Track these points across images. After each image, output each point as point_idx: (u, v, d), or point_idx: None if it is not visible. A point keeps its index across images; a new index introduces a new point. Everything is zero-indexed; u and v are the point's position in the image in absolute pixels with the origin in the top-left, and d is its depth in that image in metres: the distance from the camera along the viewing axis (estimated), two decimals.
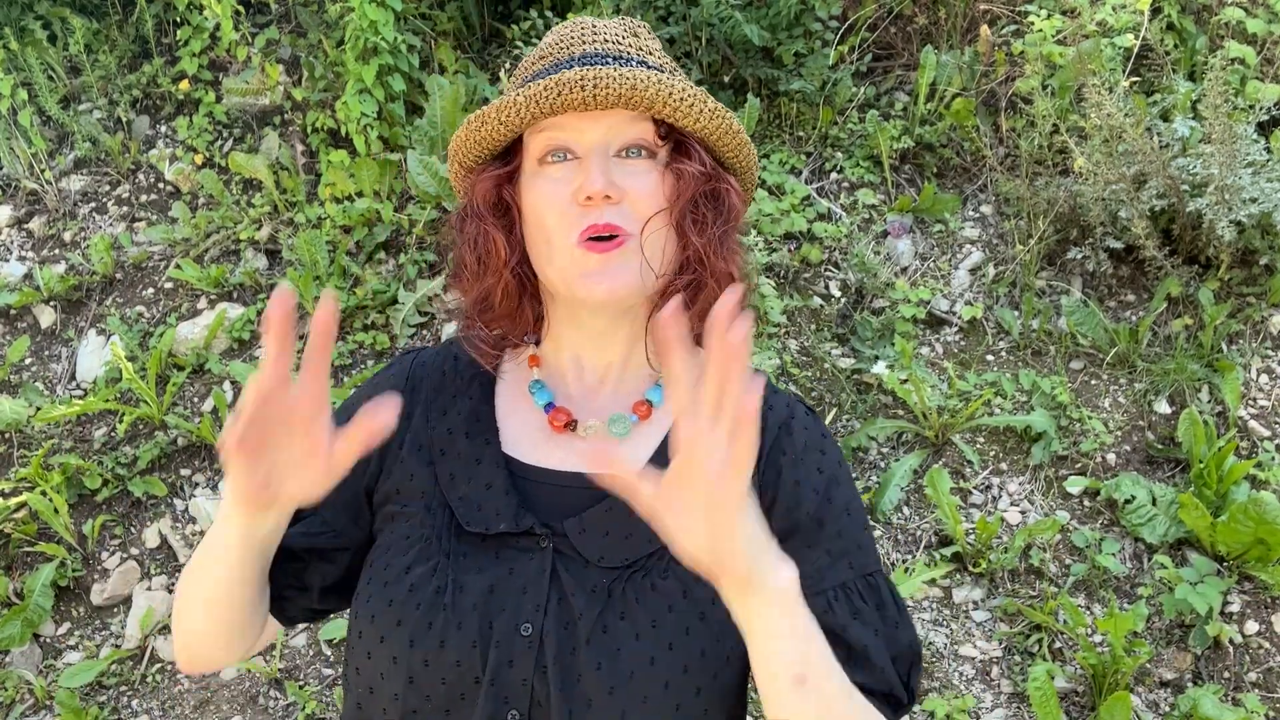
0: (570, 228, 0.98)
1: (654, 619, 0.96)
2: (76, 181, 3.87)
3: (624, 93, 0.95)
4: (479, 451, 1.06)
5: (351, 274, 3.41)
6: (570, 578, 0.98)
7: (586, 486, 1.02)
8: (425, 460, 1.07)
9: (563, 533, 1.00)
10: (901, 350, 2.94)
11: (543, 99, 0.96)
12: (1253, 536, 2.45)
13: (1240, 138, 2.77)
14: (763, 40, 3.40)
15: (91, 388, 3.38)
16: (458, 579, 0.98)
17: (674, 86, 0.97)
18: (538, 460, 1.06)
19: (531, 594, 0.97)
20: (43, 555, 3.01)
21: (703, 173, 1.01)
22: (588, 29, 1.05)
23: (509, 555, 1.00)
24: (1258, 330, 2.95)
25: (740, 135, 1.04)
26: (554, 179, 1.00)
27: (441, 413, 1.10)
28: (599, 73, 0.95)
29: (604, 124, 0.99)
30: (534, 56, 1.07)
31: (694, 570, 0.85)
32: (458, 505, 1.03)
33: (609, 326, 1.06)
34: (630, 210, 0.99)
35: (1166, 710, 2.40)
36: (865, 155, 3.47)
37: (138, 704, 2.77)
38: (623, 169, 1.00)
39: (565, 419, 1.06)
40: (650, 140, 1.01)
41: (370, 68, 3.41)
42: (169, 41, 4.08)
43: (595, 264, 0.98)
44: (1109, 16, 3.13)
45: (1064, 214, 3.12)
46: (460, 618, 0.96)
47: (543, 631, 0.95)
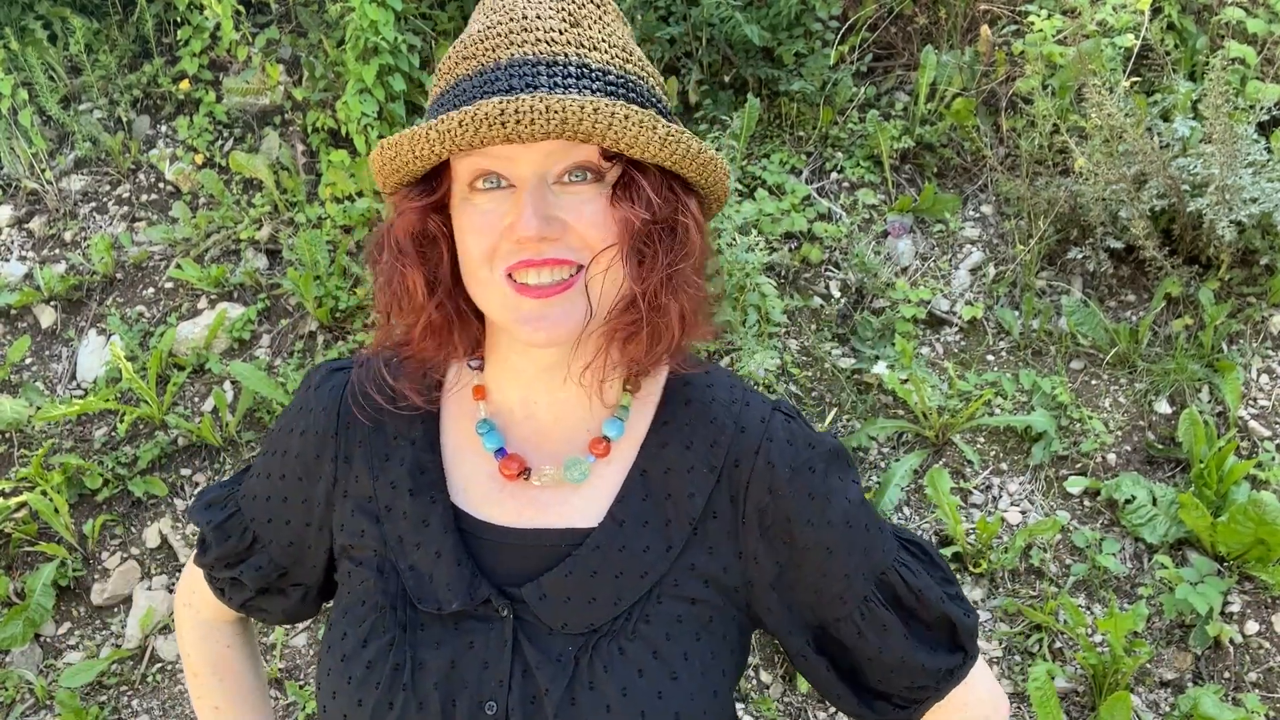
0: (502, 262, 0.87)
1: (624, 686, 0.90)
2: (77, 181, 3.87)
3: (553, 128, 0.80)
4: (425, 511, 0.98)
5: (352, 274, 3.41)
6: (533, 649, 0.92)
7: (545, 545, 0.96)
8: (372, 517, 1.00)
9: (522, 599, 0.93)
10: (902, 350, 2.94)
11: (457, 134, 0.82)
12: (1253, 536, 2.45)
13: (1241, 138, 2.77)
14: (763, 40, 3.40)
15: (92, 388, 3.38)
16: (416, 655, 0.93)
17: (614, 115, 0.81)
18: (490, 515, 0.98)
19: (494, 669, 0.92)
20: (43, 555, 3.01)
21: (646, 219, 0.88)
22: (518, 20, 0.87)
23: (468, 627, 0.93)
24: (1258, 330, 2.95)
25: (701, 157, 0.90)
26: (484, 210, 0.88)
27: (384, 459, 1.01)
28: (520, 104, 0.79)
29: (540, 150, 0.85)
30: (459, 52, 0.90)
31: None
32: (408, 577, 0.96)
33: (562, 356, 0.96)
34: (575, 243, 0.87)
35: (1166, 710, 2.40)
36: (865, 155, 3.47)
37: (138, 704, 2.77)
38: (563, 198, 0.87)
39: (518, 467, 0.97)
40: (595, 162, 0.87)
41: (370, 67, 3.41)
42: (169, 41, 4.08)
43: (531, 309, 0.87)
44: (1109, 16, 3.13)
45: (1064, 214, 3.12)
46: (421, 697, 0.91)
47: (508, 709, 0.90)
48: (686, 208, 0.92)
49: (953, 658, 1.01)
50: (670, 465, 0.97)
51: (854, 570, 0.98)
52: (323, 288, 3.33)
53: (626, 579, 0.94)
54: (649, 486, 0.97)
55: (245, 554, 1.11)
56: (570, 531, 0.96)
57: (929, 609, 1.00)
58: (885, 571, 1.00)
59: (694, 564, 0.95)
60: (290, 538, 1.08)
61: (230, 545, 1.11)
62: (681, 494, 0.96)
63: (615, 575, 0.93)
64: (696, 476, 0.96)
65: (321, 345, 3.35)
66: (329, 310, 3.32)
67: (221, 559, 1.12)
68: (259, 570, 1.10)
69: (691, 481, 0.96)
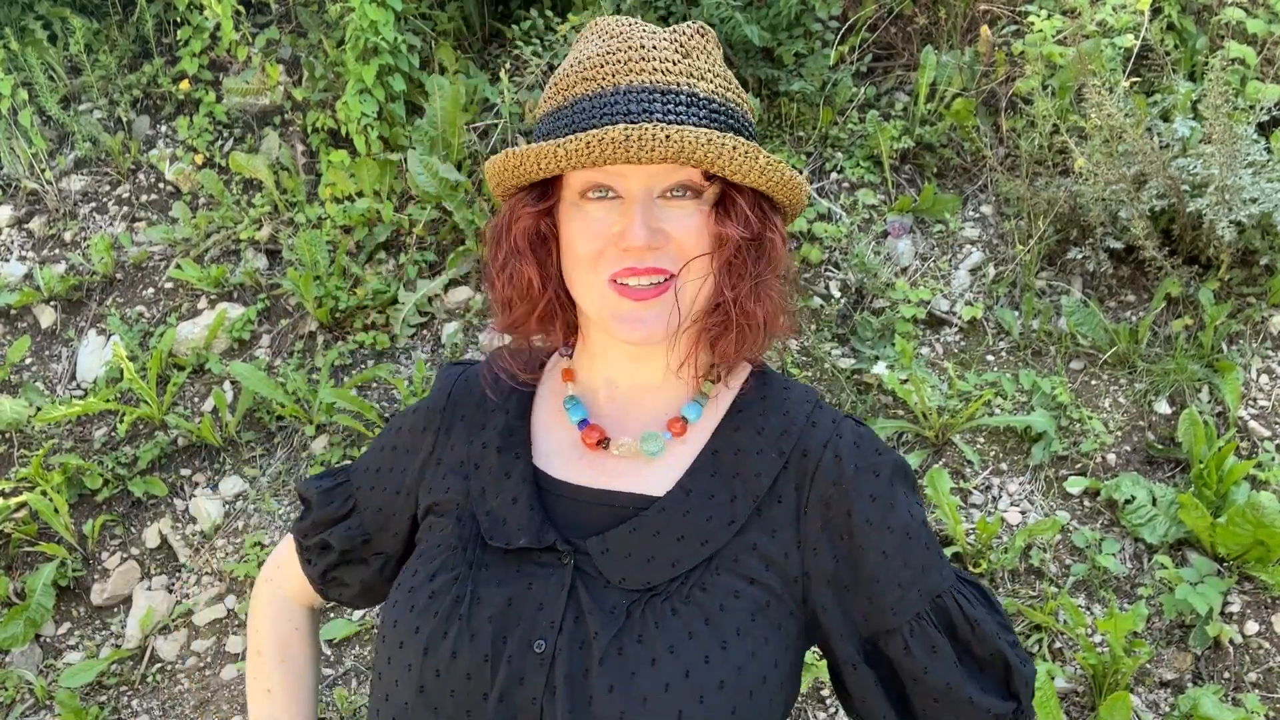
0: (607, 268, 0.97)
1: (672, 645, 0.93)
2: (77, 181, 3.87)
3: (670, 155, 0.90)
4: (509, 465, 1.07)
5: (352, 274, 3.41)
6: (589, 597, 0.96)
7: (614, 505, 1.02)
8: (461, 475, 1.09)
9: (585, 551, 0.99)
10: (901, 350, 2.94)
11: (584, 155, 0.92)
12: (1253, 537, 2.45)
13: (1240, 138, 2.77)
14: (763, 40, 3.40)
15: (92, 388, 3.38)
16: (476, 591, 0.99)
17: (724, 146, 0.92)
18: (567, 476, 1.06)
19: (548, 610, 0.96)
20: (43, 555, 3.01)
21: (747, 230, 0.98)
22: (635, 49, 0.96)
23: (529, 570, 0.99)
24: (1258, 330, 2.95)
25: (792, 183, 1.00)
26: (594, 217, 0.97)
27: (480, 427, 1.12)
28: (644, 132, 0.89)
29: (649, 170, 0.95)
30: (575, 72, 0.98)
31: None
32: (484, 519, 1.04)
33: (648, 349, 1.05)
34: (673, 253, 0.97)
35: (1166, 710, 2.40)
36: (865, 155, 3.48)
37: (138, 704, 2.77)
38: (666, 211, 0.96)
39: (598, 436, 1.05)
40: (697, 183, 0.97)
41: (370, 68, 3.41)
42: (169, 41, 4.08)
43: (629, 310, 0.97)
44: (1109, 17, 3.13)
45: (1064, 214, 3.12)
46: (474, 629, 0.96)
47: (555, 649, 0.94)
48: (774, 224, 1.01)
49: (1004, 704, 1.00)
50: (741, 447, 1.04)
51: (908, 583, 0.99)
52: (323, 288, 3.33)
53: (687, 544, 0.98)
54: (719, 465, 1.03)
55: (341, 518, 1.19)
56: (639, 497, 1.02)
57: (984, 643, 1.00)
58: (941, 595, 1.01)
59: (755, 543, 0.99)
60: (380, 503, 1.16)
61: (331, 510, 1.20)
62: (749, 473, 1.02)
63: (677, 539, 0.99)
64: (765, 459, 1.02)
65: (321, 345, 3.35)
66: (329, 310, 3.32)
67: (318, 523, 1.21)
68: (348, 532, 1.18)
69: (759, 463, 1.02)
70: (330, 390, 3.07)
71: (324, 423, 3.14)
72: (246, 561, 2.92)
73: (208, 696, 2.75)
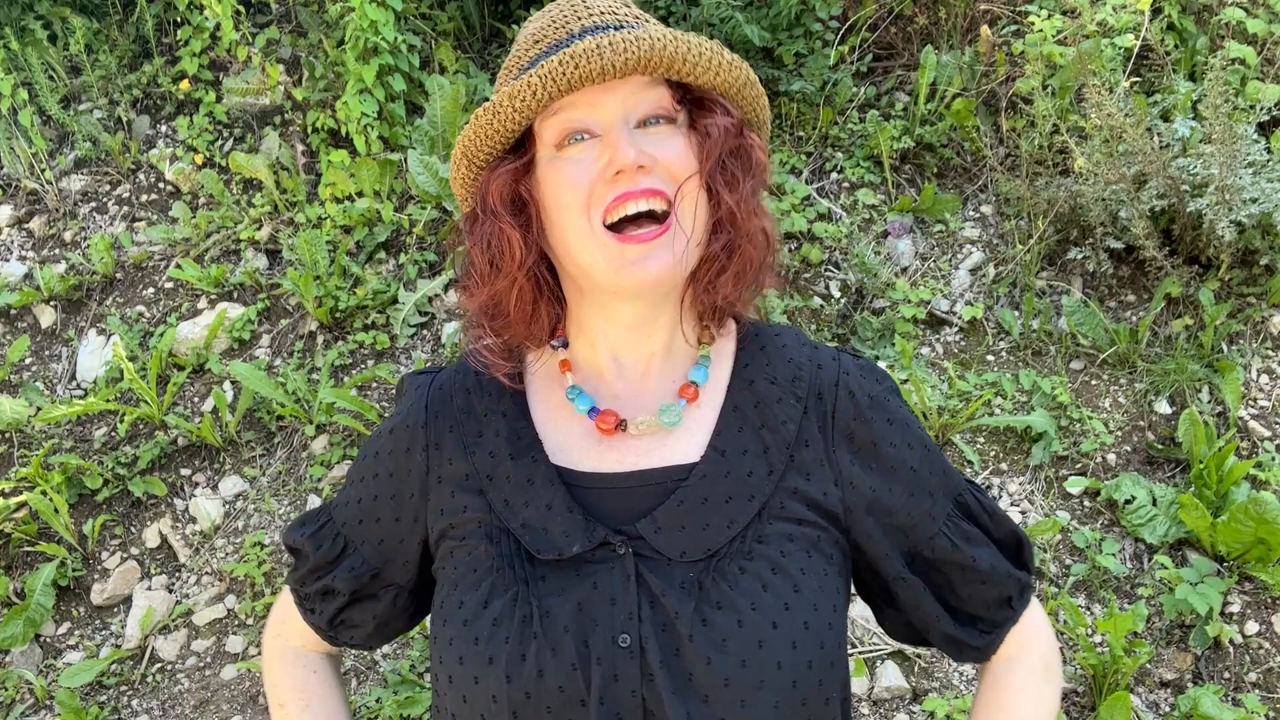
0: (599, 206, 0.94)
1: (752, 602, 0.94)
2: (77, 181, 3.87)
3: (643, 54, 0.90)
4: (528, 470, 1.02)
5: (352, 274, 3.41)
6: (656, 579, 0.95)
7: (650, 483, 1.01)
8: (473, 490, 1.04)
9: (638, 535, 0.97)
10: (902, 350, 2.94)
11: (559, 75, 0.90)
12: (1253, 537, 2.45)
13: (1240, 138, 2.77)
14: (763, 40, 3.40)
15: (92, 388, 3.38)
16: (542, 604, 0.96)
17: (690, 42, 0.93)
18: (592, 467, 1.03)
19: (621, 604, 0.95)
20: (43, 555, 3.01)
21: (731, 126, 0.98)
22: (578, 5, 0.99)
23: (589, 570, 0.97)
24: (1258, 330, 2.95)
25: (756, 86, 1.01)
26: (576, 160, 0.95)
27: (476, 436, 1.06)
28: (614, 38, 0.90)
29: (619, 95, 0.95)
30: (525, 44, 1.00)
31: None
32: (522, 534, 0.99)
33: (649, 313, 1.02)
34: (663, 175, 0.96)
35: (1166, 710, 2.40)
36: (865, 155, 3.47)
37: (138, 704, 2.77)
38: (646, 138, 0.95)
39: (614, 421, 1.03)
40: (668, 107, 0.97)
41: (370, 68, 3.41)
42: (169, 41, 4.08)
43: (636, 253, 0.94)
44: (1109, 17, 3.13)
45: (1064, 214, 3.12)
46: (553, 643, 0.94)
47: (641, 639, 0.93)
48: (752, 135, 1.02)
49: (1026, 574, 1.09)
50: (759, 399, 1.04)
51: (936, 489, 1.06)
52: (322, 288, 3.33)
53: (736, 503, 0.99)
54: (743, 419, 1.03)
55: (338, 559, 1.13)
56: (673, 468, 1.01)
57: (1000, 527, 1.09)
58: (961, 493, 1.08)
59: (795, 488, 1.01)
60: (381, 535, 1.10)
61: (323, 554, 1.13)
62: (775, 422, 1.03)
63: (725, 500, 0.99)
64: (785, 407, 1.04)
65: (321, 345, 3.35)
66: (329, 310, 3.32)
67: (314, 570, 1.14)
68: (352, 571, 1.11)
69: (781, 411, 1.03)
70: (330, 390, 3.07)
71: (324, 423, 3.14)
72: (246, 561, 2.92)
73: (208, 696, 2.75)
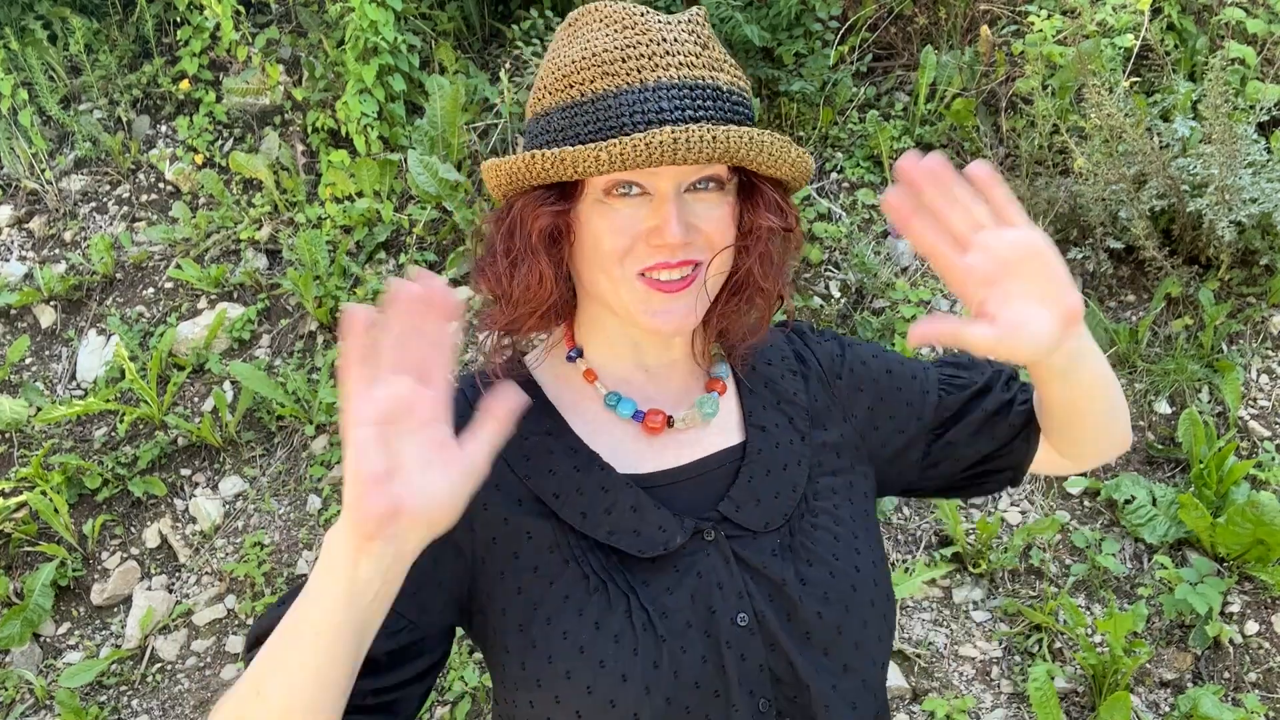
0: (636, 263, 0.97)
1: (834, 553, 1.02)
2: (77, 181, 3.87)
3: (718, 154, 0.92)
4: (600, 480, 1.02)
5: (351, 274, 3.41)
6: (751, 553, 1.01)
7: (709, 470, 1.06)
8: (537, 513, 1.00)
9: (723, 518, 1.02)
10: (901, 350, 2.94)
11: (629, 158, 0.90)
12: (1252, 537, 2.45)
13: (1240, 138, 2.77)
14: (763, 41, 3.40)
15: (92, 388, 3.38)
16: (657, 606, 0.97)
17: (764, 143, 0.94)
18: (654, 466, 1.06)
19: (729, 586, 0.99)
20: (43, 555, 3.01)
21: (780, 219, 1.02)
22: (656, 43, 0.94)
23: (687, 563, 0.99)
24: (1258, 330, 2.95)
25: (809, 169, 1.04)
26: (622, 214, 0.96)
27: (525, 459, 1.03)
28: (691, 134, 0.90)
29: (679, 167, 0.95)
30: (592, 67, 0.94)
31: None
32: (618, 541, 0.99)
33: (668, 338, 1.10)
34: (702, 244, 0.99)
35: (1166, 710, 2.40)
36: (865, 155, 3.47)
37: (138, 704, 2.77)
38: (694, 205, 0.97)
39: (663, 419, 1.07)
40: (723, 175, 0.99)
41: (370, 68, 3.41)
42: (169, 41, 4.08)
43: (661, 303, 0.98)
44: (1109, 17, 3.13)
45: (1064, 214, 3.12)
46: (681, 641, 0.95)
47: (756, 613, 0.98)
48: (792, 208, 1.05)
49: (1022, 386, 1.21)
50: (767, 379, 1.14)
51: (919, 370, 1.18)
52: (322, 287, 3.33)
53: (791, 470, 1.08)
54: (762, 399, 1.13)
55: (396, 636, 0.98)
56: (725, 452, 1.08)
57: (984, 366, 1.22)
58: (938, 364, 1.21)
59: (823, 441, 1.11)
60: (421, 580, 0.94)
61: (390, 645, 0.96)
62: (787, 394, 1.13)
63: (782, 468, 1.07)
64: (789, 381, 1.15)
65: (321, 345, 3.35)
66: (329, 310, 3.32)
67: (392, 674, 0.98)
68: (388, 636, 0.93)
69: (787, 385, 1.15)
70: (330, 390, 3.07)
71: (324, 423, 3.14)
72: (246, 561, 2.92)
73: (207, 696, 2.75)
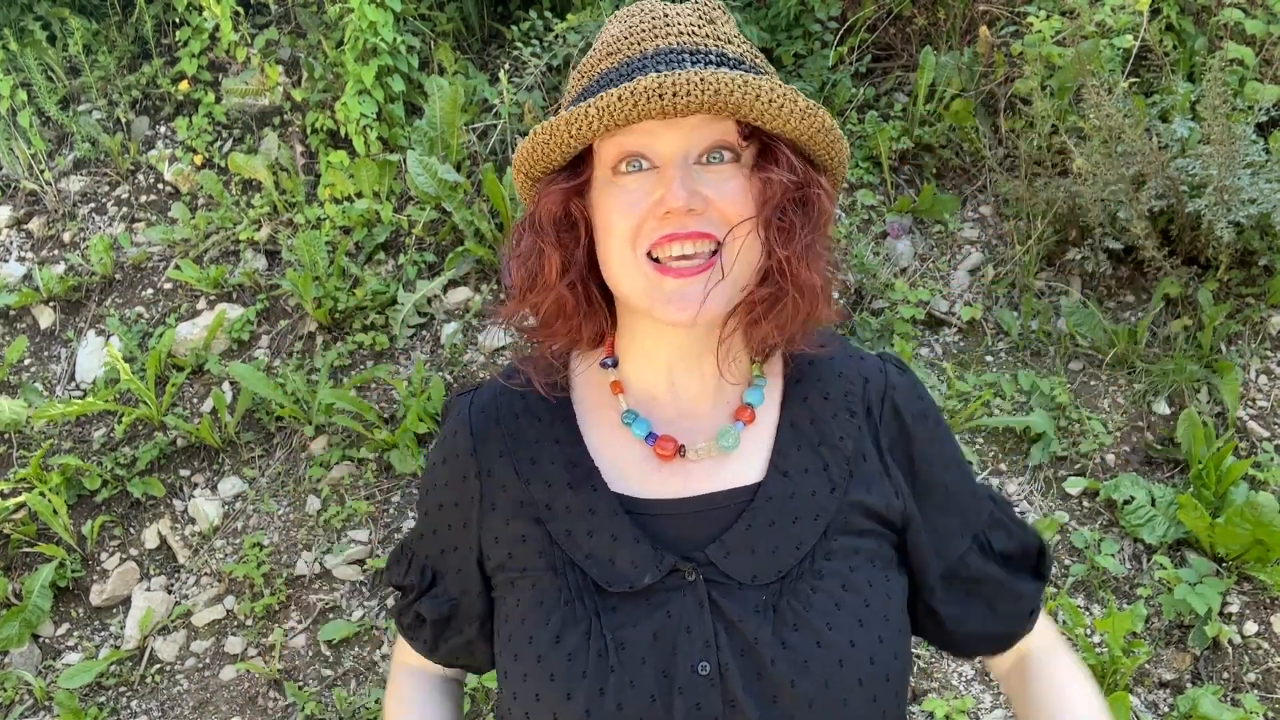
0: (646, 240, 0.92)
1: (828, 621, 0.94)
2: (76, 182, 3.87)
3: (707, 99, 0.86)
4: (589, 501, 1.00)
5: (351, 275, 3.41)
6: (730, 604, 0.94)
7: (714, 507, 0.99)
8: (529, 519, 1.02)
9: (708, 561, 0.96)
10: (901, 351, 2.94)
11: (616, 110, 0.86)
12: (1251, 537, 2.45)
13: (1239, 138, 2.77)
14: (762, 41, 3.40)
15: (91, 388, 3.38)
16: (616, 636, 0.94)
17: (761, 87, 0.88)
18: (653, 493, 1.01)
19: (697, 631, 0.93)
20: (42, 556, 3.01)
21: (793, 181, 0.93)
22: (659, 18, 0.94)
23: (660, 599, 0.95)
24: (1257, 331, 2.95)
25: (833, 133, 0.96)
26: (630, 190, 0.92)
27: (530, 463, 1.03)
28: (678, 78, 0.85)
29: (684, 129, 0.91)
30: (600, 52, 0.96)
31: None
32: (590, 567, 0.97)
33: (700, 339, 1.00)
34: (715, 218, 0.92)
35: (1166, 711, 2.40)
36: (864, 156, 3.48)
37: (137, 704, 2.77)
38: (705, 175, 0.92)
39: (673, 447, 1.01)
40: (734, 142, 0.93)
41: (370, 68, 3.41)
42: (168, 42, 4.08)
43: (674, 288, 0.92)
44: (1108, 17, 3.13)
45: (1063, 215, 3.12)
46: (632, 675, 0.92)
47: (721, 666, 0.92)
48: (818, 180, 0.96)
49: (1039, 584, 1.11)
50: (815, 415, 1.03)
51: (968, 509, 1.07)
52: (322, 288, 3.33)
53: (802, 523, 0.98)
54: (800, 437, 1.02)
55: (429, 589, 1.13)
56: (736, 491, 1.00)
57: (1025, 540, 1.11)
58: (989, 511, 1.10)
59: (858, 500, 1.00)
60: (458, 564, 1.09)
61: (413, 584, 1.14)
62: (832, 438, 1.02)
63: (792, 521, 0.98)
64: (841, 421, 1.03)
65: (320, 346, 3.34)
66: (328, 311, 3.32)
67: (407, 601, 1.15)
68: (435, 600, 1.11)
69: (838, 426, 1.03)
70: (329, 391, 3.07)
71: (323, 423, 3.14)
72: (245, 562, 2.92)
73: (207, 697, 2.75)
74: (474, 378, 3.17)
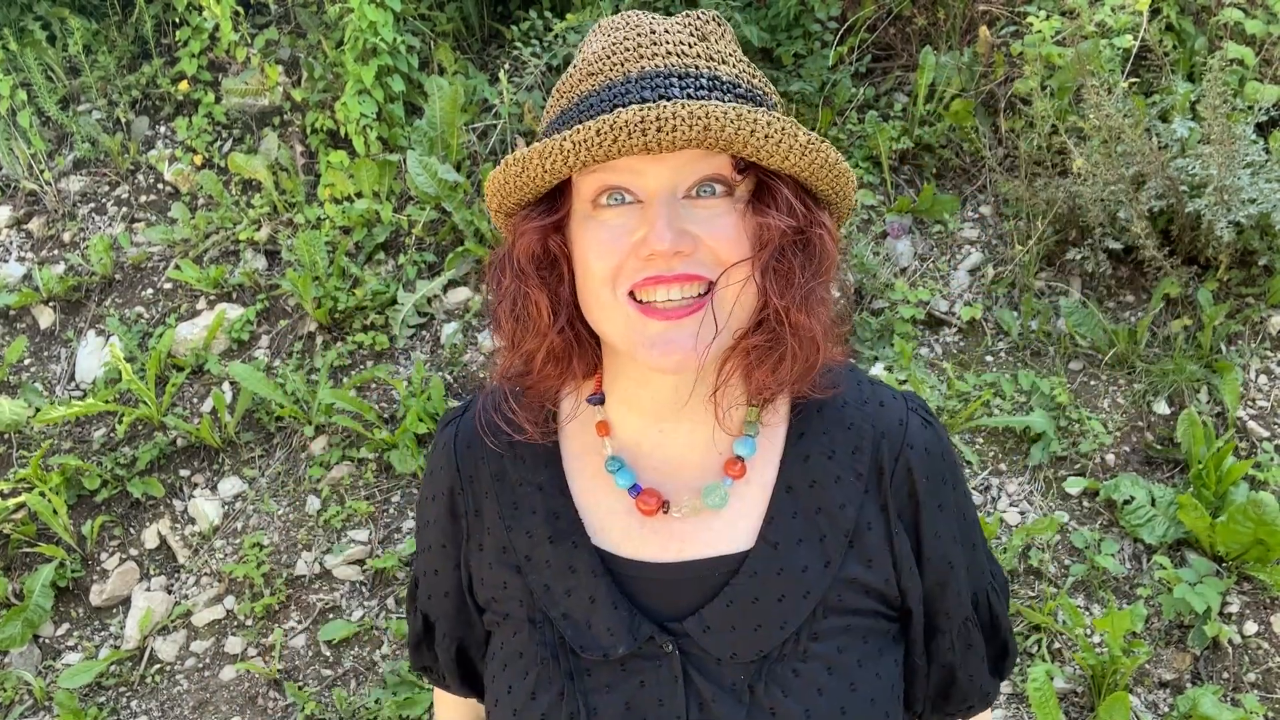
0: (627, 281, 0.84)
1: (807, 708, 0.88)
2: (76, 182, 3.87)
3: (696, 135, 0.76)
4: (569, 557, 0.95)
5: (351, 275, 3.41)
6: (705, 681, 0.90)
7: (698, 576, 0.93)
8: (511, 568, 0.98)
9: (685, 633, 0.91)
10: (901, 351, 2.94)
11: (595, 145, 0.77)
12: (1251, 537, 2.45)
13: (1239, 138, 2.77)
14: (762, 41, 3.40)
15: (91, 388, 3.38)
16: (589, 702, 0.91)
17: (758, 121, 0.78)
18: (635, 553, 0.95)
19: (669, 705, 0.90)
20: (42, 556, 3.01)
21: (791, 225, 0.84)
22: (645, 34, 0.84)
23: (636, 667, 0.91)
24: (1256, 331, 2.95)
25: (837, 168, 0.86)
26: (611, 226, 0.84)
27: (513, 507, 0.98)
28: (663, 110, 0.76)
29: (671, 163, 0.81)
30: (581, 71, 0.86)
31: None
32: (564, 627, 0.93)
33: (689, 385, 0.91)
34: (706, 258, 0.83)
35: (1166, 711, 2.40)
36: (865, 156, 3.48)
37: (137, 705, 2.77)
38: (694, 211, 0.83)
39: (656, 503, 0.94)
40: (727, 175, 0.83)
41: (369, 68, 3.41)
42: (168, 42, 4.08)
43: (658, 331, 0.83)
44: (1108, 17, 3.13)
45: (1063, 215, 3.12)
46: None
47: None
48: (820, 220, 0.88)
49: (995, 682, 1.06)
50: (815, 478, 0.94)
51: (963, 588, 1.00)
52: (321, 288, 3.33)
53: (789, 601, 0.91)
54: (797, 503, 0.94)
55: (429, 637, 1.11)
56: (721, 559, 0.93)
57: (997, 636, 1.05)
58: (981, 593, 1.03)
59: (854, 577, 0.93)
60: (457, 605, 1.06)
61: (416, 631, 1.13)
62: (832, 506, 0.93)
63: (778, 599, 0.91)
64: (844, 486, 0.94)
65: (320, 346, 3.35)
66: (328, 311, 3.32)
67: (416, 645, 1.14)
68: (442, 644, 1.09)
69: (840, 492, 0.94)
70: (329, 391, 3.07)
71: (323, 423, 3.14)
72: (245, 562, 2.92)
73: (207, 697, 2.75)
74: (474, 378, 3.17)
